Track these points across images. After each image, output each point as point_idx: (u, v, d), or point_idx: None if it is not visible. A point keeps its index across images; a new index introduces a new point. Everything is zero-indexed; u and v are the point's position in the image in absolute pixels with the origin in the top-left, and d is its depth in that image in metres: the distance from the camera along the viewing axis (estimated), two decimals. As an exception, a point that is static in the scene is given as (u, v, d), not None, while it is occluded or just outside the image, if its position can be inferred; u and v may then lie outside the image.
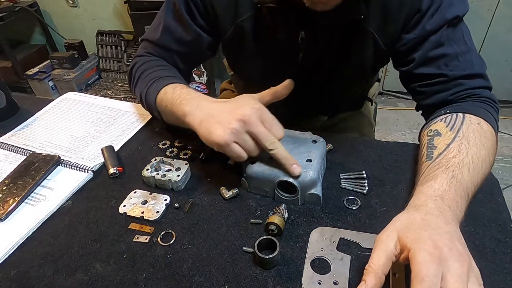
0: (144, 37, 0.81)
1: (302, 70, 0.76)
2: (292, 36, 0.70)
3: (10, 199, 0.62)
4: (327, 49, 0.72)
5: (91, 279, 0.51)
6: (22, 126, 0.83)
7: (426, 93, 0.69)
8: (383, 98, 2.43)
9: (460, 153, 0.55)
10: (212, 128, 0.56)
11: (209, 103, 0.61)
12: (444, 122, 0.62)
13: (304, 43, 0.70)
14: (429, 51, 0.65)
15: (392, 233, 0.44)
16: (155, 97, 0.70)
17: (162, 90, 0.69)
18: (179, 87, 0.68)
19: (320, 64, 0.75)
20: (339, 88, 0.82)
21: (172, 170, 0.64)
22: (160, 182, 0.64)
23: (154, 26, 0.79)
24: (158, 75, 0.73)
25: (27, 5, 2.54)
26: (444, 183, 0.50)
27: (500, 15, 1.94)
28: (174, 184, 0.63)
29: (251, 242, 0.53)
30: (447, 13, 0.62)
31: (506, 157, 1.92)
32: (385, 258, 0.42)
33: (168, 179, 0.62)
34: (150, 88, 0.72)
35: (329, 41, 0.70)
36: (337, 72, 0.76)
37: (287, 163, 0.56)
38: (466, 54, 0.65)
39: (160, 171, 0.64)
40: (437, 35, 0.64)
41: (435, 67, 0.65)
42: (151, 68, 0.76)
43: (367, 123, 1.02)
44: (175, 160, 0.66)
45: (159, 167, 0.65)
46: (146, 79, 0.74)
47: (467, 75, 0.65)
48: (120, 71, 2.80)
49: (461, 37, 0.65)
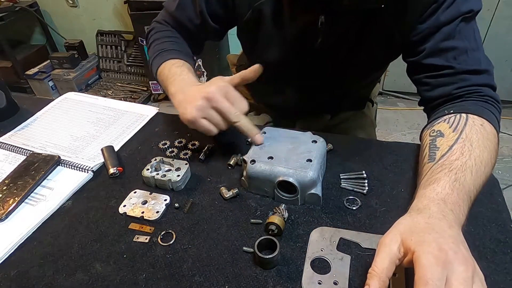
0: (165, 4, 0.87)
1: (319, 56, 0.76)
2: (311, 20, 0.69)
3: (10, 199, 0.62)
4: (344, 35, 0.72)
5: (91, 279, 0.51)
6: (22, 126, 0.84)
7: (431, 85, 0.68)
8: (383, 98, 2.43)
9: (463, 155, 0.54)
10: (184, 107, 0.63)
11: (189, 86, 0.68)
12: (447, 123, 0.61)
13: (324, 28, 0.70)
14: (439, 42, 0.65)
15: (395, 236, 0.43)
16: (156, 69, 0.77)
17: (162, 65, 0.76)
18: (176, 64, 0.74)
19: (337, 51, 0.75)
20: (349, 79, 0.82)
21: (172, 170, 0.64)
22: (160, 182, 0.64)
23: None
24: (165, 47, 0.79)
25: (27, 5, 2.55)
26: (447, 187, 0.50)
27: (500, 15, 1.94)
28: (174, 184, 0.63)
29: (251, 242, 0.53)
30: (462, 7, 0.63)
31: (506, 157, 1.93)
32: (389, 262, 0.41)
33: (168, 179, 0.62)
34: (155, 59, 0.79)
35: (347, 28, 0.70)
36: (351, 61, 0.76)
37: (251, 133, 0.62)
38: (475, 51, 0.65)
39: (160, 171, 0.64)
40: (450, 27, 0.64)
41: (443, 58, 0.65)
42: (161, 39, 0.82)
43: (370, 123, 1.02)
44: (175, 160, 0.66)
45: (159, 167, 0.65)
46: (155, 49, 0.81)
47: (473, 71, 0.65)
48: (120, 71, 2.80)
49: (472, 34, 0.65)
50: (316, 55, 0.76)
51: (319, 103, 0.91)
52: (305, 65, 0.79)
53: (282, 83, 0.88)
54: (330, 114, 0.97)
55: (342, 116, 0.99)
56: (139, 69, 2.72)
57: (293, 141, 0.63)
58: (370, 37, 0.71)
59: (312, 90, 0.85)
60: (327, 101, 0.91)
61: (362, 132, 0.98)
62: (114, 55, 2.76)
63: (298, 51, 0.77)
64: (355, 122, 1.00)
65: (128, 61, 2.74)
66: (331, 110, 0.96)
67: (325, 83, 0.83)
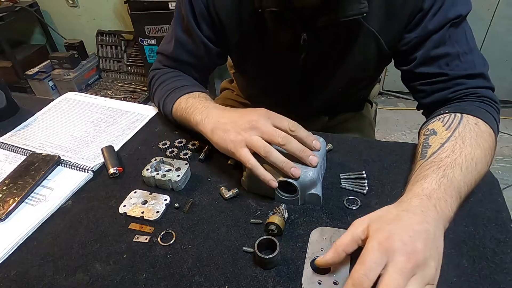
0: (159, 51, 0.85)
1: (304, 70, 0.77)
2: (294, 38, 0.70)
3: (10, 199, 0.62)
4: (329, 49, 0.72)
5: (91, 279, 0.51)
6: (22, 126, 0.83)
7: (426, 92, 0.69)
8: (383, 98, 2.43)
9: (453, 152, 0.55)
10: (224, 135, 0.60)
11: (218, 111, 0.65)
12: (441, 122, 0.62)
13: (306, 45, 0.70)
14: (430, 50, 0.65)
15: (364, 221, 0.47)
16: (171, 108, 0.75)
17: (177, 101, 0.74)
18: (192, 96, 0.72)
19: (322, 64, 0.76)
20: (341, 88, 0.82)
21: (172, 170, 0.64)
22: (160, 182, 0.64)
23: (168, 39, 0.83)
24: (174, 86, 0.77)
25: (27, 5, 2.54)
26: (434, 182, 0.51)
27: (500, 15, 1.94)
28: (174, 184, 0.63)
29: (251, 242, 0.53)
30: (450, 13, 0.62)
31: (506, 157, 1.92)
32: (350, 239, 0.46)
33: (168, 179, 0.62)
34: (166, 99, 0.76)
35: (331, 41, 0.71)
36: (339, 72, 0.77)
37: (304, 156, 0.56)
38: (468, 54, 0.65)
39: (160, 171, 0.64)
40: (439, 34, 0.64)
41: (436, 66, 0.66)
42: (168, 80, 0.80)
43: (368, 125, 1.02)
44: (175, 160, 0.66)
45: (159, 167, 0.65)
46: (163, 90, 0.78)
47: (468, 75, 0.65)
48: (120, 71, 2.80)
49: (463, 37, 0.65)
50: (302, 68, 0.76)
51: (314, 109, 0.92)
52: (296, 76, 0.80)
53: (274, 94, 0.89)
54: (327, 116, 0.97)
55: (340, 117, 0.99)
56: (139, 69, 2.72)
57: (293, 141, 0.62)
58: (357, 46, 0.71)
59: (304, 99, 0.86)
60: (321, 106, 0.92)
61: (360, 134, 0.98)
62: (114, 55, 2.76)
63: (284, 66, 0.78)
64: (353, 123, 1.00)
65: (128, 61, 2.74)
66: (327, 112, 0.97)
67: (316, 91, 0.83)
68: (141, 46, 2.32)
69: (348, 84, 0.81)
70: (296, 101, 0.86)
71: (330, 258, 0.46)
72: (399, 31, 0.67)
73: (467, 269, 0.49)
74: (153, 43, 2.29)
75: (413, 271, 0.40)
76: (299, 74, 0.79)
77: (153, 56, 2.35)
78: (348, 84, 0.81)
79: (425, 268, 0.41)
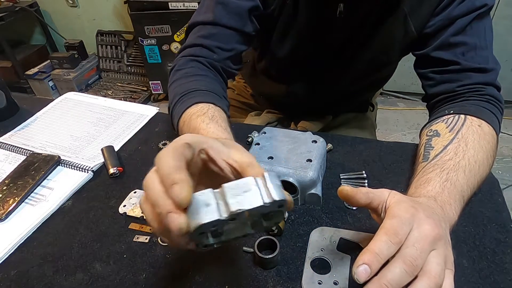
0: (194, 21, 0.73)
1: (331, 48, 0.76)
2: (330, 10, 0.69)
3: (10, 199, 0.62)
4: (360, 26, 0.72)
5: (91, 279, 0.51)
6: (22, 126, 0.83)
7: (435, 80, 0.69)
8: (383, 98, 2.43)
9: (456, 155, 0.54)
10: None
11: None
12: (445, 123, 0.61)
13: (342, 17, 0.69)
14: (450, 37, 0.65)
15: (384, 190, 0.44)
16: (177, 122, 0.64)
17: (182, 116, 0.62)
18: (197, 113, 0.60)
19: (351, 43, 0.75)
20: (360, 72, 0.81)
21: (172, 170, 0.64)
22: (160, 182, 0.63)
23: (203, 9, 0.72)
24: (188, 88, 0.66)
25: (27, 5, 2.54)
26: (437, 186, 0.50)
27: (500, 15, 1.94)
28: (174, 184, 0.63)
29: (251, 242, 0.53)
30: (477, 1, 0.63)
31: (506, 157, 1.92)
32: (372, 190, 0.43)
33: (168, 179, 0.62)
34: (174, 108, 0.66)
35: (364, 17, 0.70)
36: (364, 52, 0.76)
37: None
38: (484, 49, 0.65)
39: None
40: (462, 21, 0.64)
41: (451, 53, 0.65)
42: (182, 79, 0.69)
43: (370, 126, 1.02)
44: (175, 160, 0.66)
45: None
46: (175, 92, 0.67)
47: (479, 69, 0.65)
48: (120, 71, 2.80)
49: (482, 32, 0.65)
50: (330, 45, 0.75)
51: (325, 102, 0.91)
52: (318, 57, 0.79)
53: (291, 79, 0.87)
54: (332, 115, 0.97)
55: (344, 117, 0.99)
56: (139, 69, 2.72)
57: (293, 141, 0.62)
58: (387, 27, 0.71)
59: (320, 87, 0.84)
60: (332, 100, 0.91)
61: (362, 135, 0.98)
62: (114, 55, 2.76)
63: (314, 42, 0.76)
64: (356, 123, 1.00)
65: (128, 61, 2.74)
66: (334, 110, 0.97)
67: (335, 78, 0.82)
68: (141, 46, 2.31)
69: (369, 68, 0.80)
70: (313, 85, 0.85)
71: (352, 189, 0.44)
72: (428, 14, 0.66)
73: (467, 269, 0.49)
74: (153, 43, 2.29)
75: (435, 243, 0.39)
76: (325, 51, 0.77)
77: (153, 56, 2.34)
78: (369, 68, 0.80)
79: (446, 247, 0.40)
